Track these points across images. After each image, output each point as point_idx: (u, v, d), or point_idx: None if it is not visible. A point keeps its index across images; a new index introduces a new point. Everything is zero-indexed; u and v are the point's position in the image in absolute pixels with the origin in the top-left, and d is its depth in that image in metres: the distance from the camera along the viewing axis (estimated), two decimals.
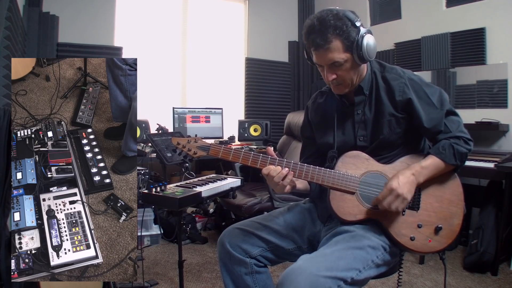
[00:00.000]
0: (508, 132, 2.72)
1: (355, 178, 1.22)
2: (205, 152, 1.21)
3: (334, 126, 1.34)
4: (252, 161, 1.20)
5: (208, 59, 4.02)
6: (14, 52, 1.89)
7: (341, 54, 1.16)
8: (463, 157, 1.21)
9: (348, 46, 1.16)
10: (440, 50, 3.14)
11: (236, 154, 1.20)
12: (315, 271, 1.02)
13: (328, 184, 1.21)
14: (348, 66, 1.20)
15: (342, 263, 1.06)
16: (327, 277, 1.02)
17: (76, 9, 3.29)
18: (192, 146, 1.22)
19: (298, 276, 1.01)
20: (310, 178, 1.21)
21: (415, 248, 1.17)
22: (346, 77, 1.22)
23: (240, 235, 1.33)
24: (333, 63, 1.18)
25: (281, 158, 1.20)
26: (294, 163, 1.21)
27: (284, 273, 1.05)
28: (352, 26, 1.16)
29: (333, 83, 1.24)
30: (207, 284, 2.29)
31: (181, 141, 1.23)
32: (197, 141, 1.23)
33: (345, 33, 1.15)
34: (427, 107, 1.23)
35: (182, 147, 1.22)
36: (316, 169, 1.21)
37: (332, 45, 1.15)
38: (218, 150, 1.21)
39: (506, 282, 2.23)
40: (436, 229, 1.18)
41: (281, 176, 1.17)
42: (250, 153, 1.20)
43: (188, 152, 1.22)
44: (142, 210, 2.15)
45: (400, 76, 1.25)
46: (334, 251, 1.10)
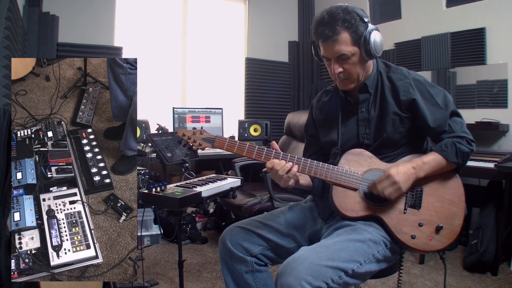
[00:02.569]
0: (508, 132, 2.72)
1: (358, 175, 1.22)
2: (210, 144, 1.21)
3: (338, 124, 1.35)
4: (257, 154, 1.21)
5: (208, 59, 4.02)
6: (14, 52, 1.89)
7: (348, 47, 1.18)
8: (465, 156, 1.21)
9: (356, 39, 1.18)
10: (440, 50, 3.14)
11: (241, 147, 1.21)
12: (316, 260, 1.02)
13: (331, 180, 1.22)
14: (355, 60, 1.20)
15: (343, 254, 1.07)
16: (328, 266, 1.02)
17: (76, 9, 3.28)
18: (198, 138, 1.22)
19: (299, 265, 1.01)
20: (314, 173, 1.22)
21: (415, 247, 1.18)
22: (352, 71, 1.22)
23: (241, 234, 1.34)
24: (341, 56, 1.19)
25: (285, 153, 1.21)
26: (298, 158, 1.22)
27: (284, 262, 1.06)
28: (361, 21, 1.18)
29: (339, 77, 1.25)
30: (207, 284, 2.29)
31: (187, 132, 1.23)
32: (203, 133, 1.23)
33: (353, 26, 1.16)
34: (432, 107, 1.24)
35: (187, 139, 1.23)
36: (319, 165, 1.22)
37: (340, 36, 1.16)
38: (223, 143, 1.21)
39: (506, 282, 2.23)
40: (437, 228, 1.18)
41: (285, 169, 1.18)
42: (255, 147, 1.21)
43: (193, 143, 1.22)
44: (142, 210, 2.15)
45: (405, 76, 1.26)
46: (335, 242, 1.11)
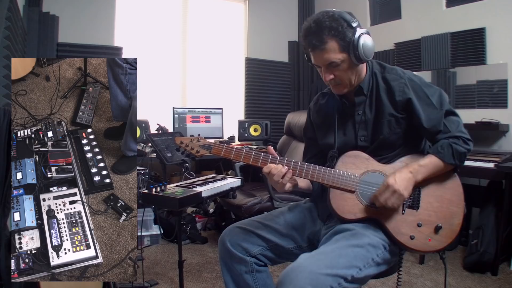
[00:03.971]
0: (508, 132, 2.72)
1: (355, 177, 1.22)
2: (207, 151, 1.23)
3: (335, 127, 1.35)
4: (254, 159, 1.22)
5: (208, 59, 4.02)
6: (14, 52, 1.89)
7: (337, 54, 1.18)
8: (461, 156, 1.21)
9: (344, 46, 1.18)
10: (440, 50, 3.14)
11: (238, 153, 1.23)
12: (315, 269, 1.02)
13: (328, 183, 1.22)
14: (346, 66, 1.21)
15: (342, 261, 1.06)
16: (327, 274, 1.02)
17: (76, 9, 3.29)
18: (195, 145, 1.24)
19: (299, 274, 1.01)
20: (310, 176, 1.22)
21: (415, 247, 1.17)
22: (344, 77, 1.23)
23: (240, 234, 1.34)
24: (330, 64, 1.20)
25: (282, 157, 1.22)
26: (294, 162, 1.22)
27: (284, 272, 1.05)
28: (348, 27, 1.17)
29: (331, 83, 1.26)
30: (207, 284, 2.29)
31: (184, 140, 1.25)
32: (200, 140, 1.25)
33: (340, 33, 1.16)
34: (426, 107, 1.24)
35: (185, 146, 1.25)
36: (316, 168, 1.22)
37: (327, 45, 1.17)
38: (220, 149, 1.23)
39: (506, 282, 2.23)
40: (436, 228, 1.18)
41: (280, 174, 1.19)
42: (251, 152, 1.22)
43: (191, 151, 1.24)
44: (142, 210, 2.15)
45: (400, 76, 1.26)
46: (334, 249, 1.11)
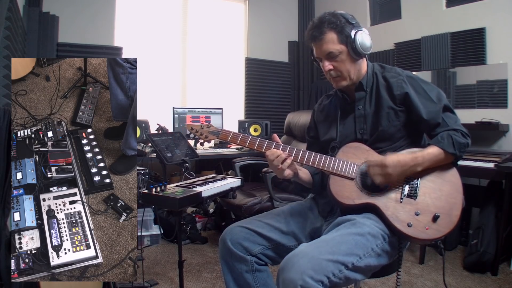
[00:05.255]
0: (508, 132, 2.72)
1: (355, 166, 1.27)
2: (215, 136, 1.35)
3: (337, 122, 1.42)
4: (258, 145, 1.31)
5: (208, 59, 4.02)
6: (14, 52, 1.89)
7: (335, 45, 1.28)
8: (461, 147, 1.23)
9: (343, 39, 1.28)
10: (440, 50, 3.14)
11: (244, 139, 1.32)
12: (317, 254, 1.05)
13: (328, 169, 1.27)
14: (344, 57, 1.30)
15: (343, 248, 1.09)
16: (329, 260, 1.04)
17: (76, 9, 3.29)
18: (205, 131, 1.36)
19: (300, 260, 1.03)
20: (312, 163, 1.28)
21: (412, 235, 1.17)
22: (342, 68, 1.31)
23: (241, 233, 1.35)
24: (329, 54, 1.30)
25: (285, 145, 1.28)
26: (297, 149, 1.28)
27: (285, 258, 1.07)
28: (347, 23, 1.29)
29: (331, 75, 1.33)
30: (207, 284, 2.29)
31: (195, 126, 1.38)
32: (209, 127, 1.38)
33: (339, 27, 1.28)
34: (425, 101, 1.29)
35: (195, 132, 1.37)
36: (317, 156, 1.28)
37: (326, 36, 1.28)
38: (227, 135, 1.34)
39: (506, 282, 2.23)
40: (434, 217, 1.19)
41: (280, 159, 1.25)
42: (256, 138, 1.32)
43: (201, 136, 1.36)
44: (142, 210, 2.15)
45: (399, 74, 1.34)
46: (335, 236, 1.14)
